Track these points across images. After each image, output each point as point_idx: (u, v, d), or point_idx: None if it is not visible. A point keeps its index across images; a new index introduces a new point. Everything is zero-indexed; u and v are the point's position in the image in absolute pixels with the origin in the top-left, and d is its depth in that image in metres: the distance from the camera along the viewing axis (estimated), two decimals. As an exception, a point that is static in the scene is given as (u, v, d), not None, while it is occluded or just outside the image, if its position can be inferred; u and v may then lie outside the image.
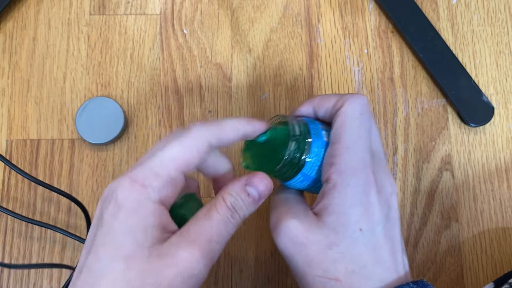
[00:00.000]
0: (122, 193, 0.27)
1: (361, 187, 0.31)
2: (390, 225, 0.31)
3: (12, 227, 0.45)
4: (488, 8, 0.50)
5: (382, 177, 0.32)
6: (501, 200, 0.46)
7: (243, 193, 0.30)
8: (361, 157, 0.31)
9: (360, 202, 0.30)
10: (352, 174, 0.31)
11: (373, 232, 0.30)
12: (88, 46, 0.48)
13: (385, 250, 0.31)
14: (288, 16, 0.50)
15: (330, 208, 0.30)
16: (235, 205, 0.29)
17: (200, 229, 0.28)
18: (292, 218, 0.31)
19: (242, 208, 0.30)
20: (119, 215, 0.27)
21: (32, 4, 0.49)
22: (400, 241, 0.32)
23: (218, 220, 0.29)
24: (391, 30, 0.50)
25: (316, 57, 0.49)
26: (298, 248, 0.30)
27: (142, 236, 0.27)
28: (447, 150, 0.47)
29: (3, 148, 0.46)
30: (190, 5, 0.50)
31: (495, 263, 0.45)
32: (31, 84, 0.47)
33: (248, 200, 0.30)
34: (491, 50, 0.49)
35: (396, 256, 0.31)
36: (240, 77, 0.48)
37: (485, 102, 0.47)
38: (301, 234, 0.30)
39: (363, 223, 0.30)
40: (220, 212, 0.29)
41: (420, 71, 0.49)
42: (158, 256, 0.27)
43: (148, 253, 0.26)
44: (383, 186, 0.32)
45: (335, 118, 0.33)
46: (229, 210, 0.29)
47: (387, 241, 0.31)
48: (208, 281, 0.44)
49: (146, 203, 0.27)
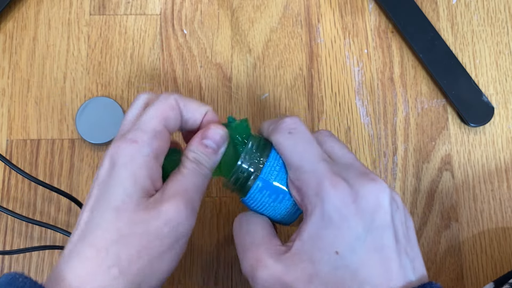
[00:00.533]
0: (115, 150, 0.30)
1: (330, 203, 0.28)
2: (377, 234, 0.28)
3: (12, 227, 0.45)
4: (488, 8, 0.50)
5: (357, 181, 0.29)
6: (501, 200, 0.47)
7: (201, 147, 0.32)
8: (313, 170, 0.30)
9: (331, 220, 0.28)
10: (316, 192, 0.29)
11: (353, 250, 0.27)
12: (88, 46, 0.49)
13: (371, 266, 0.28)
14: (288, 16, 0.50)
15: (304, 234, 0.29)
16: (198, 158, 0.32)
17: (176, 184, 0.31)
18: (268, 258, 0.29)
19: (205, 159, 0.32)
20: (112, 171, 0.30)
21: (32, 4, 0.49)
22: (394, 248, 0.28)
23: (189, 174, 0.31)
24: (391, 30, 0.50)
25: (316, 57, 0.49)
26: None
27: (132, 188, 0.29)
28: (447, 150, 0.47)
29: (3, 148, 0.46)
30: (190, 5, 0.50)
31: (495, 263, 0.45)
32: (31, 84, 0.48)
33: (208, 151, 0.32)
34: (491, 50, 0.49)
35: (389, 266, 0.28)
36: (240, 77, 0.48)
37: (485, 102, 0.47)
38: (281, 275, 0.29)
39: (339, 244, 0.28)
40: (188, 167, 0.31)
41: (420, 71, 0.49)
42: (144, 209, 0.29)
43: (136, 204, 0.29)
44: (359, 191, 0.28)
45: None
46: (195, 163, 0.32)
47: (373, 255, 0.28)
48: (208, 282, 0.44)
49: (137, 156, 0.30)
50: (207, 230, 0.45)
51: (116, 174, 0.29)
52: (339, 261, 0.27)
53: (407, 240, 0.29)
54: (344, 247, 0.28)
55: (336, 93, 0.48)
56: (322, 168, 0.29)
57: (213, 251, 0.45)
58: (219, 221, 0.45)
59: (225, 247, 0.45)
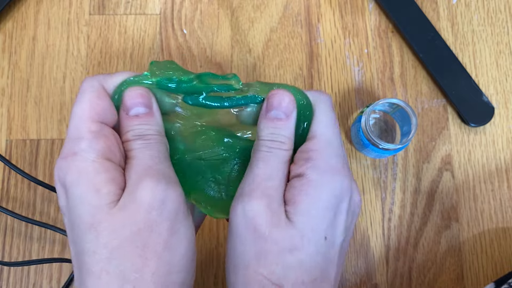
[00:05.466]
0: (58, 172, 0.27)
1: (338, 190, 0.27)
2: (348, 238, 0.29)
3: (12, 227, 0.45)
4: (488, 8, 0.50)
5: (353, 183, 0.29)
6: (501, 200, 0.46)
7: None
8: (340, 155, 0.28)
9: (332, 207, 0.27)
10: (332, 173, 0.28)
11: (333, 244, 0.27)
12: (88, 46, 0.48)
13: (336, 265, 0.28)
14: (288, 16, 0.50)
15: (301, 206, 0.27)
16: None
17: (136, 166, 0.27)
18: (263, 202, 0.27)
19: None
20: (67, 194, 0.26)
21: (32, 4, 0.49)
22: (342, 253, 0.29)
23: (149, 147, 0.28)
24: (391, 30, 0.50)
25: (316, 57, 0.49)
26: (254, 238, 0.27)
27: (96, 198, 0.26)
28: (447, 150, 0.47)
29: (2, 148, 0.46)
30: (190, 5, 0.50)
31: (495, 263, 0.45)
32: (30, 84, 0.47)
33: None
34: (491, 50, 0.49)
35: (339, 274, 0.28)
36: (240, 77, 0.48)
37: (485, 102, 0.47)
38: (265, 225, 0.27)
39: (329, 232, 0.27)
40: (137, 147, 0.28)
41: (420, 71, 0.49)
42: (120, 209, 0.26)
43: (108, 210, 0.26)
44: (353, 193, 0.29)
45: None
46: None
47: (341, 256, 0.28)
48: (208, 282, 0.44)
49: (83, 167, 0.26)
50: (207, 230, 0.45)
51: (72, 196, 0.26)
52: (323, 248, 0.27)
53: None
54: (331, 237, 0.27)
55: (336, 93, 0.48)
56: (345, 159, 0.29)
57: (213, 251, 0.45)
58: (218, 221, 0.45)
59: (225, 247, 0.45)
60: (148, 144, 0.28)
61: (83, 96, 0.27)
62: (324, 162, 0.28)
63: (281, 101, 0.29)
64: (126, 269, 0.25)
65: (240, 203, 0.28)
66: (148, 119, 0.28)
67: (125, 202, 0.26)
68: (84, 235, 0.26)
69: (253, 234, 0.27)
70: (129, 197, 0.26)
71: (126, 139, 0.28)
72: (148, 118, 0.28)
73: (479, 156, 0.47)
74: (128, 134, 0.28)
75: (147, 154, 0.27)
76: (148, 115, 0.28)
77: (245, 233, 0.27)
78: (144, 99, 0.28)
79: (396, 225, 0.46)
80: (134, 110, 0.28)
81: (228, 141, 0.32)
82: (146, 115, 0.28)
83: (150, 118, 0.28)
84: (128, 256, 0.25)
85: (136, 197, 0.26)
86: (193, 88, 0.30)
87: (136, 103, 0.28)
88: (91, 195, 0.26)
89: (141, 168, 0.27)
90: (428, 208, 0.46)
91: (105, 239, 0.25)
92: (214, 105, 0.30)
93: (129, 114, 0.28)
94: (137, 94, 0.28)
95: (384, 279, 0.45)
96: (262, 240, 0.27)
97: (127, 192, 0.26)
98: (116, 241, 0.25)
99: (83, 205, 0.26)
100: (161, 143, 0.29)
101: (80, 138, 0.27)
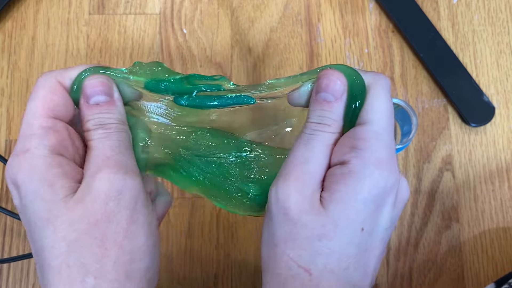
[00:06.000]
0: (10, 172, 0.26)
1: (382, 185, 0.26)
2: (390, 231, 0.28)
3: (11, 227, 0.45)
4: (488, 7, 0.50)
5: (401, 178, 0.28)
6: (501, 200, 0.46)
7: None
8: (390, 147, 0.27)
9: (375, 200, 0.26)
10: (376, 167, 0.26)
11: (371, 233, 0.27)
12: (88, 46, 0.48)
13: (374, 255, 0.27)
14: (288, 15, 0.50)
15: (339, 195, 0.26)
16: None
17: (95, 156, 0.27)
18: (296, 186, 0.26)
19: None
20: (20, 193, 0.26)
21: (31, 4, 0.49)
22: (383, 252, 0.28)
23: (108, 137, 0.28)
24: (391, 30, 0.50)
25: (316, 56, 0.49)
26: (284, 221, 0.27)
27: (50, 193, 0.25)
28: (447, 150, 0.47)
29: (2, 148, 0.46)
30: (190, 5, 0.50)
31: (496, 263, 0.45)
32: (30, 83, 0.47)
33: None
34: (491, 50, 0.49)
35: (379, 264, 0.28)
36: (240, 77, 0.48)
37: (485, 102, 0.47)
38: (295, 210, 0.26)
39: (368, 223, 0.26)
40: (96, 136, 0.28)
41: (420, 70, 0.49)
42: (77, 202, 0.26)
43: (64, 204, 0.26)
44: (402, 188, 0.28)
45: None
46: None
47: (381, 245, 0.27)
48: (208, 282, 0.44)
49: (36, 163, 0.26)
50: (207, 230, 0.45)
51: (25, 193, 0.26)
52: (357, 238, 0.26)
53: None
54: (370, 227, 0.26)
55: (336, 93, 0.48)
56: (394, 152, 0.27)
57: (213, 251, 0.45)
58: (218, 221, 0.45)
59: (225, 248, 0.45)
60: (109, 134, 0.27)
61: (37, 93, 0.27)
62: (371, 153, 0.26)
63: (330, 82, 0.28)
64: (86, 260, 0.25)
65: (274, 184, 0.28)
66: (109, 108, 0.28)
67: (83, 194, 0.26)
68: (41, 231, 0.26)
69: (283, 217, 0.27)
70: (86, 189, 0.26)
71: (87, 128, 0.28)
72: (109, 107, 0.28)
73: (479, 156, 0.47)
74: (89, 124, 0.28)
75: (107, 144, 0.27)
76: (109, 103, 0.28)
77: (276, 215, 0.27)
78: (104, 87, 0.28)
79: (396, 225, 0.45)
80: (94, 99, 0.28)
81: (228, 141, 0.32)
82: (107, 104, 0.28)
83: (111, 107, 0.28)
84: (87, 247, 0.25)
85: (93, 188, 0.26)
86: (182, 88, 0.30)
87: (97, 91, 0.28)
88: (45, 190, 0.25)
89: (100, 159, 0.27)
90: (429, 208, 0.46)
91: (63, 233, 0.25)
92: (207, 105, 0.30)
93: (89, 103, 0.28)
94: (98, 82, 0.28)
95: (384, 279, 0.45)
96: (292, 223, 0.26)
97: (84, 184, 0.26)
98: (74, 233, 0.25)
99: (38, 201, 0.26)
100: (122, 132, 0.28)
101: (31, 134, 0.26)
